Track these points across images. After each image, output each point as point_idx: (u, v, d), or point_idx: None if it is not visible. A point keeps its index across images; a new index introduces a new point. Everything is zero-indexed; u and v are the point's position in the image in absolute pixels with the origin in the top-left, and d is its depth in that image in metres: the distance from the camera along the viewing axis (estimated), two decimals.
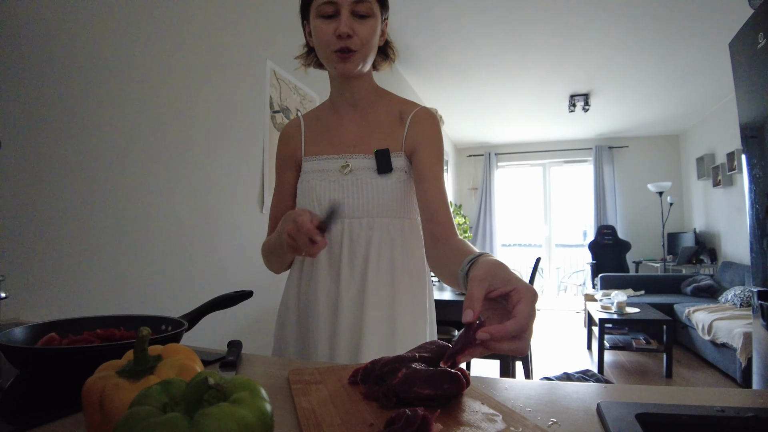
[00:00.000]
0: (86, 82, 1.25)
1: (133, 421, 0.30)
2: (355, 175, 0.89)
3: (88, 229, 1.24)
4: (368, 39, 0.84)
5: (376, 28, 0.85)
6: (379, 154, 0.88)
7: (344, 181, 0.89)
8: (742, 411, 0.47)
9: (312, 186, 0.91)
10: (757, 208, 1.58)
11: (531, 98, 5.06)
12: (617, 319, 3.68)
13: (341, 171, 0.90)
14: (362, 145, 0.91)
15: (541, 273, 7.12)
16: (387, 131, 0.91)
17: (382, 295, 0.87)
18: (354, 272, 0.89)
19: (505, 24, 3.32)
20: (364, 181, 0.88)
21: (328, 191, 0.90)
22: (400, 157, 0.90)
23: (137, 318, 0.75)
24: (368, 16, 0.83)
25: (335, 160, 0.91)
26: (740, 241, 4.71)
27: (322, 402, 0.52)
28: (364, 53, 0.85)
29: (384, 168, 0.88)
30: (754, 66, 1.58)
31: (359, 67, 0.86)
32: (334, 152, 0.92)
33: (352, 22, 0.82)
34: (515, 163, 7.37)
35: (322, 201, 0.90)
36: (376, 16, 0.84)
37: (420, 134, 0.90)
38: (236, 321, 1.85)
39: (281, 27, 2.24)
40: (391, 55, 0.97)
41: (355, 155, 0.91)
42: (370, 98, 0.94)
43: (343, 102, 0.94)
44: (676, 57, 3.85)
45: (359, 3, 0.82)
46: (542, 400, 0.55)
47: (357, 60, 0.84)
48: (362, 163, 0.89)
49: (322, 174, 0.91)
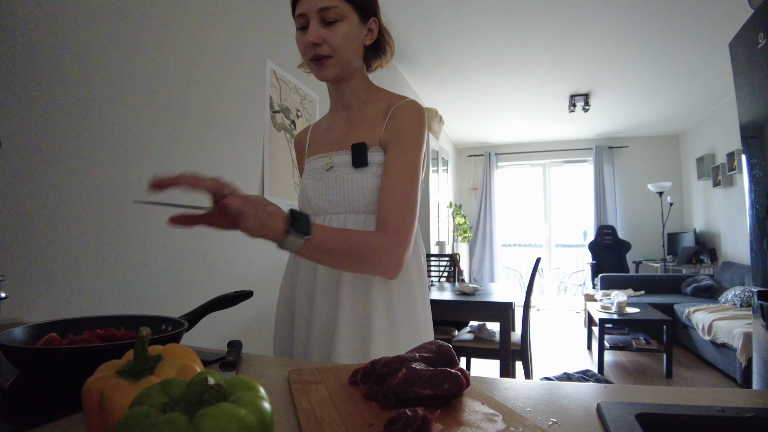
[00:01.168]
0: (86, 82, 1.25)
1: (133, 421, 0.30)
2: (335, 171, 0.90)
3: (88, 229, 1.24)
4: (340, 44, 0.84)
5: (348, 31, 0.85)
6: (354, 147, 0.88)
7: (327, 178, 0.91)
8: (742, 411, 0.47)
9: (303, 185, 0.95)
10: (757, 208, 1.58)
11: (531, 98, 5.06)
12: (617, 319, 3.68)
13: (325, 167, 0.92)
14: (346, 141, 0.91)
15: (541, 273, 7.12)
16: (370, 127, 0.90)
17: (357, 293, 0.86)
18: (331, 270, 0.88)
19: (505, 24, 3.32)
20: (341, 176, 0.89)
21: (314, 189, 0.92)
22: (378, 152, 0.88)
23: (137, 318, 0.75)
24: (337, 21, 0.84)
25: (323, 158, 0.94)
26: (740, 241, 4.71)
27: (322, 402, 0.52)
28: (340, 58, 0.86)
29: (359, 162, 0.87)
30: (754, 66, 1.58)
31: (337, 71, 0.87)
32: (323, 151, 0.95)
33: (320, 30, 0.83)
34: (515, 163, 7.37)
35: (311, 199, 0.92)
36: (347, 18, 0.84)
37: (394, 127, 0.87)
38: (236, 321, 1.85)
39: (281, 27, 2.24)
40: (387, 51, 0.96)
41: (337, 152, 0.91)
42: (363, 98, 0.95)
43: (336, 104, 0.98)
44: (676, 57, 3.85)
45: (324, 10, 0.83)
46: (542, 400, 0.55)
47: (332, 65, 0.86)
48: (342, 158, 0.90)
49: (312, 173, 0.94)
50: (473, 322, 3.08)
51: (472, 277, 6.99)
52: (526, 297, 2.94)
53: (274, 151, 2.18)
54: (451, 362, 0.56)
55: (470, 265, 7.10)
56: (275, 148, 2.18)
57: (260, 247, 2.03)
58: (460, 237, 6.50)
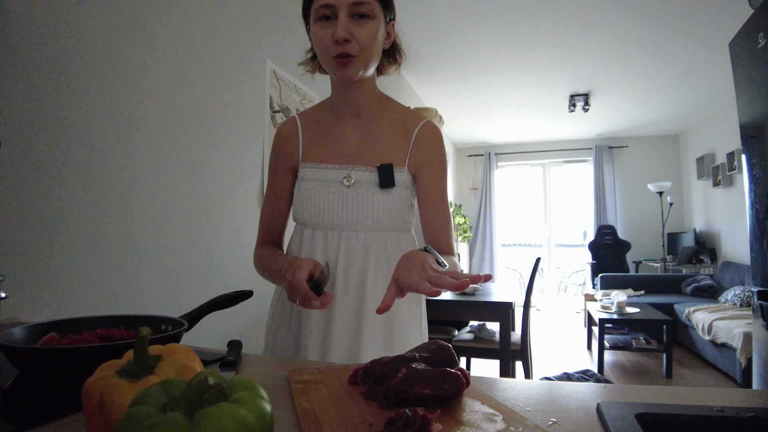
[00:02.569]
0: (86, 82, 1.25)
1: (133, 421, 0.30)
2: (356, 188, 0.87)
3: (88, 229, 1.24)
4: (368, 43, 0.79)
5: (377, 30, 0.80)
6: (382, 168, 0.87)
7: (345, 194, 0.87)
8: (742, 411, 0.47)
9: (311, 195, 0.89)
10: (757, 208, 1.58)
11: (531, 98, 5.06)
12: (617, 319, 3.68)
13: (343, 183, 0.87)
14: (365, 157, 0.89)
15: (541, 273, 7.12)
16: (391, 145, 0.89)
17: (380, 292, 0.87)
18: (349, 286, 0.87)
19: (505, 24, 3.31)
20: (365, 195, 0.87)
21: (327, 203, 0.88)
22: (403, 173, 0.89)
23: (137, 318, 0.75)
24: (368, 17, 0.79)
25: (336, 170, 0.89)
26: (740, 241, 4.71)
27: (322, 402, 0.52)
28: (365, 58, 0.81)
29: (386, 183, 0.86)
30: (754, 66, 1.58)
31: (360, 72, 0.82)
32: (335, 162, 0.90)
33: (350, 25, 0.77)
34: (515, 163, 7.36)
35: (321, 212, 0.88)
36: (377, 17, 0.80)
37: (426, 153, 0.89)
38: (236, 321, 1.85)
39: (281, 27, 2.24)
40: (398, 59, 0.93)
41: (357, 167, 0.88)
42: (373, 106, 0.91)
43: (344, 108, 0.91)
44: (676, 57, 3.85)
45: (358, 4, 0.77)
46: (542, 400, 0.55)
47: (357, 65, 0.80)
48: (364, 176, 0.88)
49: (321, 184, 0.89)
50: (473, 322, 3.08)
51: None
52: (526, 297, 2.94)
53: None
54: (451, 362, 0.56)
55: (470, 265, 7.10)
56: None
57: None
58: (460, 237, 6.50)
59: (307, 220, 0.90)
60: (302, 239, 0.91)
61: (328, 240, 0.88)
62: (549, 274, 7.26)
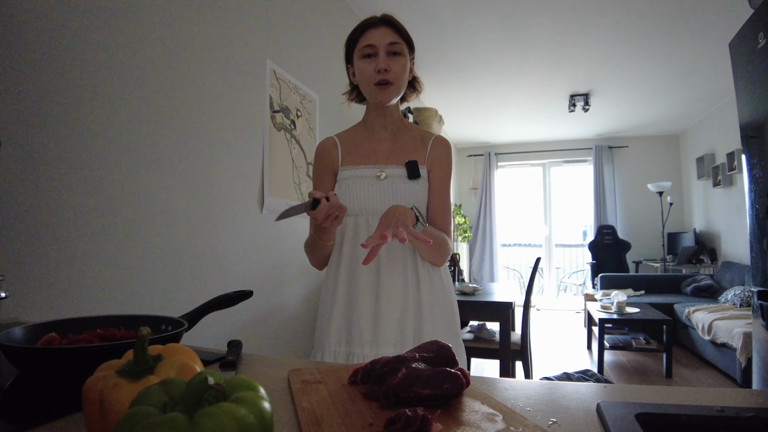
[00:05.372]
0: (86, 81, 1.25)
1: (133, 421, 0.30)
2: (389, 180, 1.08)
3: (88, 228, 1.24)
4: (400, 73, 1.05)
5: (406, 64, 1.06)
6: (409, 163, 1.09)
7: (379, 186, 1.08)
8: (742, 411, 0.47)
9: (351, 187, 1.09)
10: (757, 208, 1.58)
11: (531, 98, 5.06)
12: (617, 319, 3.68)
13: (377, 177, 1.09)
14: (394, 157, 1.11)
15: (541, 273, 7.12)
16: (413, 149, 1.13)
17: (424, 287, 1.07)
18: (394, 267, 1.06)
19: (505, 24, 3.32)
20: (396, 185, 1.08)
21: (366, 192, 1.08)
22: (424, 169, 1.11)
23: (137, 318, 0.75)
24: (400, 54, 1.05)
25: (370, 168, 1.10)
26: (740, 241, 4.71)
27: (322, 402, 0.52)
28: (398, 85, 1.06)
29: (413, 175, 1.08)
30: (754, 66, 1.58)
31: (394, 96, 1.07)
32: (369, 162, 1.11)
33: (387, 60, 1.03)
34: (515, 163, 7.36)
35: (361, 199, 1.08)
36: (406, 55, 1.06)
37: (438, 156, 1.12)
38: (236, 321, 1.85)
39: (281, 27, 2.24)
40: (417, 88, 1.17)
41: (388, 165, 1.10)
42: (398, 124, 1.16)
43: (377, 125, 1.14)
44: (676, 57, 3.85)
45: (393, 44, 1.04)
46: (542, 400, 0.55)
47: (392, 91, 1.06)
48: (395, 171, 1.09)
49: (359, 179, 1.09)
50: (473, 322, 3.08)
51: (472, 277, 6.99)
52: (526, 297, 2.94)
53: (274, 151, 2.18)
54: (451, 362, 0.56)
55: (470, 265, 7.10)
56: (275, 148, 2.18)
57: (260, 247, 2.03)
58: (460, 237, 6.50)
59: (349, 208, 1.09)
60: (345, 225, 1.10)
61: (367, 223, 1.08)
62: (549, 274, 7.26)
